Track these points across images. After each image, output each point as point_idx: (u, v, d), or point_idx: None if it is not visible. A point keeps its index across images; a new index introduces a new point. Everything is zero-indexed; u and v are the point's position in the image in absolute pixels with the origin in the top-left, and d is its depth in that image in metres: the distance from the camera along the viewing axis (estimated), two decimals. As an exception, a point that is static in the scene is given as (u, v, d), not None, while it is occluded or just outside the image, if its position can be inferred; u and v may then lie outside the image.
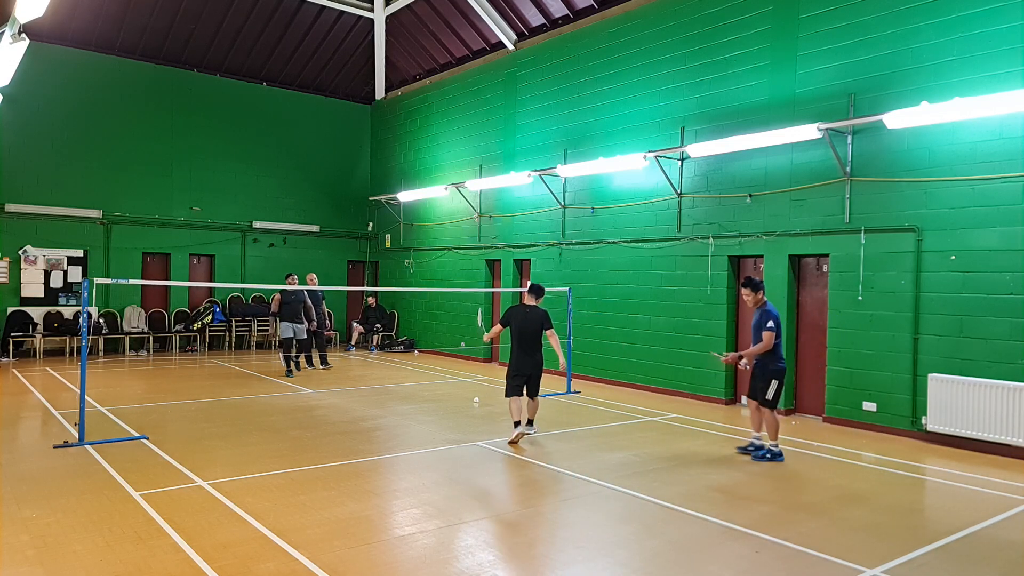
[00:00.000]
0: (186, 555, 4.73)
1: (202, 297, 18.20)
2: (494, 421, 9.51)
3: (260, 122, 18.92)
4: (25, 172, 15.61)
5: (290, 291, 13.16)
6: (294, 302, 13.20)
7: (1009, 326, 8.18)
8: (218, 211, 18.22)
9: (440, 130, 18.01)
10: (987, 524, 5.74)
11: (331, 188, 20.21)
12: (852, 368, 9.61)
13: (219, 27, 17.34)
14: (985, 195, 8.44)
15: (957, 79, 8.65)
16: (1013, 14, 8.25)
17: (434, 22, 17.49)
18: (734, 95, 11.13)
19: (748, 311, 11.22)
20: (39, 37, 15.28)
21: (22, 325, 15.39)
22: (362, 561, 4.74)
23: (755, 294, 7.98)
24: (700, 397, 11.45)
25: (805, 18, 10.23)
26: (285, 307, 13.28)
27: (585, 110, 13.68)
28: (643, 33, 12.61)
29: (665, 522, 5.65)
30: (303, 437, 8.36)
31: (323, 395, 11.38)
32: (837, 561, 4.87)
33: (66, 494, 6.01)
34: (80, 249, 16.28)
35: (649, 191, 12.39)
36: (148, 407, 10.01)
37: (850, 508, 6.08)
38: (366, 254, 20.81)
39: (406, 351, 18.25)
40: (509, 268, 15.70)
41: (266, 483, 6.45)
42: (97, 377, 12.68)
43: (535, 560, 4.89)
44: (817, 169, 10.05)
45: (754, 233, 10.85)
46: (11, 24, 7.93)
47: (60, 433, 8.22)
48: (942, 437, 8.60)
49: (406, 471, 7.16)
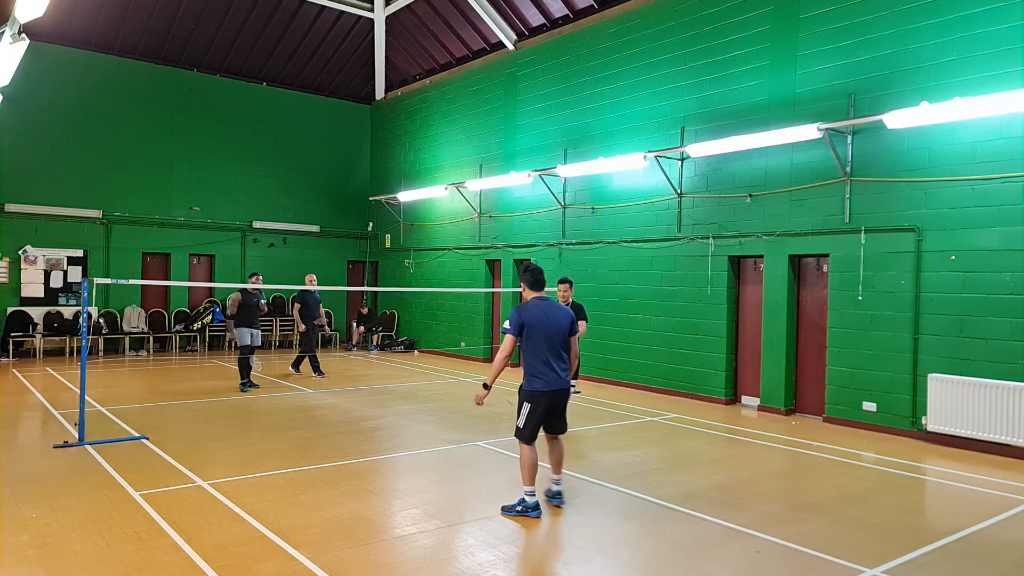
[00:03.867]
0: (186, 555, 4.73)
1: (202, 297, 18.20)
2: (494, 421, 9.51)
3: (260, 122, 18.92)
4: (25, 172, 15.61)
5: (252, 293, 11.61)
6: (254, 305, 11.60)
7: (1009, 326, 8.18)
8: (218, 211, 18.22)
9: (440, 130, 18.01)
10: (987, 524, 5.74)
11: (331, 188, 20.22)
12: (852, 368, 9.61)
13: (219, 27, 17.35)
14: (985, 195, 8.44)
15: (957, 79, 8.65)
16: (1013, 14, 8.25)
17: (434, 22, 17.49)
18: (734, 95, 11.13)
19: (749, 311, 11.25)
20: (39, 37, 15.28)
21: (22, 325, 15.39)
22: (362, 561, 4.73)
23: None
24: (700, 397, 11.45)
25: (805, 18, 10.23)
26: (244, 310, 11.51)
27: (585, 110, 13.68)
28: (643, 33, 12.60)
29: (665, 522, 5.65)
30: (303, 437, 8.35)
31: (323, 395, 11.38)
32: (837, 561, 4.87)
33: (66, 494, 6.01)
34: (80, 249, 16.27)
35: (649, 191, 12.39)
36: (148, 407, 10.01)
37: (850, 508, 6.07)
38: (366, 254, 20.80)
39: (406, 351, 18.25)
40: (509, 268, 15.70)
41: (266, 483, 6.45)
42: (97, 377, 12.67)
43: (535, 560, 4.89)
44: (817, 169, 10.05)
45: (754, 233, 10.85)
46: (11, 24, 7.92)
47: (60, 433, 8.22)
48: (942, 437, 8.60)
49: (406, 471, 7.15)
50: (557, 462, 6.03)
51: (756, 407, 10.86)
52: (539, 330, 5.71)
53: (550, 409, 5.76)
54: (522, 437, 5.78)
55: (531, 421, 5.72)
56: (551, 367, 5.72)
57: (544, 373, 5.71)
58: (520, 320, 5.74)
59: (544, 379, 5.70)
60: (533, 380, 5.74)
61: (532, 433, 5.75)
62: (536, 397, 5.71)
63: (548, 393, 5.70)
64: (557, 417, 5.88)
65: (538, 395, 5.70)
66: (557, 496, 5.99)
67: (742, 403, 11.24)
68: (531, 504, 5.68)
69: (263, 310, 11.83)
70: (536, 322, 5.72)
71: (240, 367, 11.61)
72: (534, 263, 5.71)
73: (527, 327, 5.72)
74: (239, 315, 11.53)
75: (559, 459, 6.04)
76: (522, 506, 5.69)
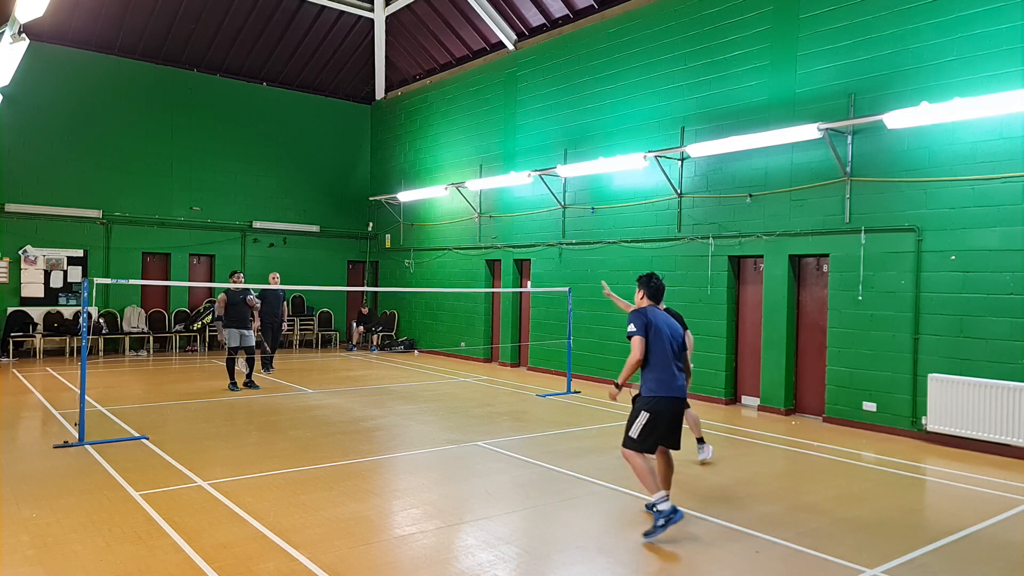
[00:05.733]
0: (186, 555, 4.73)
1: (202, 297, 18.21)
2: (494, 421, 9.51)
3: (260, 122, 18.92)
4: (25, 172, 15.61)
5: (236, 291, 11.59)
6: (240, 304, 11.59)
7: (1009, 326, 8.18)
8: (218, 211, 18.23)
9: (440, 130, 18.01)
10: (987, 524, 5.74)
11: (331, 188, 20.22)
12: (852, 368, 9.61)
13: (219, 27, 17.35)
14: (985, 195, 8.44)
15: (957, 79, 8.65)
16: (1013, 14, 8.25)
17: (434, 22, 17.49)
18: (734, 95, 11.13)
19: (749, 311, 11.26)
20: (39, 37, 15.29)
21: (22, 325, 15.39)
22: (362, 561, 4.73)
23: None
24: (700, 397, 11.44)
25: (805, 18, 10.23)
26: (231, 309, 11.51)
27: (585, 110, 13.68)
28: (643, 33, 12.61)
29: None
30: (303, 437, 8.35)
31: (323, 395, 11.38)
32: (837, 561, 4.87)
33: (66, 494, 6.01)
34: (80, 249, 16.28)
35: (649, 191, 12.39)
36: (148, 407, 10.01)
37: (850, 508, 6.07)
38: (366, 254, 20.81)
39: (406, 351, 18.25)
40: (509, 268, 15.70)
41: (266, 483, 6.45)
42: (97, 377, 12.67)
43: (535, 560, 4.88)
44: (817, 169, 10.05)
45: (754, 233, 10.85)
46: (11, 24, 7.93)
47: (60, 433, 8.22)
48: (942, 437, 8.60)
49: (406, 471, 7.15)
50: (669, 476, 5.68)
51: (756, 407, 10.86)
52: (664, 333, 5.43)
53: (673, 417, 5.40)
54: (631, 446, 5.37)
55: (649, 430, 5.32)
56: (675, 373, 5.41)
57: (672, 379, 5.37)
58: (645, 320, 5.42)
59: (670, 385, 5.37)
60: (661, 385, 5.35)
61: (646, 446, 5.36)
62: (660, 405, 5.32)
63: (673, 401, 5.36)
64: (678, 428, 5.48)
65: (664, 402, 5.32)
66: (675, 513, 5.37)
67: (742, 403, 11.25)
68: (667, 511, 5.16)
69: (252, 305, 11.78)
70: (661, 325, 5.46)
71: (228, 367, 11.67)
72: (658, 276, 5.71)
73: (653, 329, 5.41)
74: (227, 316, 11.54)
75: (671, 473, 5.70)
76: (663, 519, 5.15)
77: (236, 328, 11.53)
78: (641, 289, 5.78)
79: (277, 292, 13.34)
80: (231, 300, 11.56)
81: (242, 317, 11.58)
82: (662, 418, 5.34)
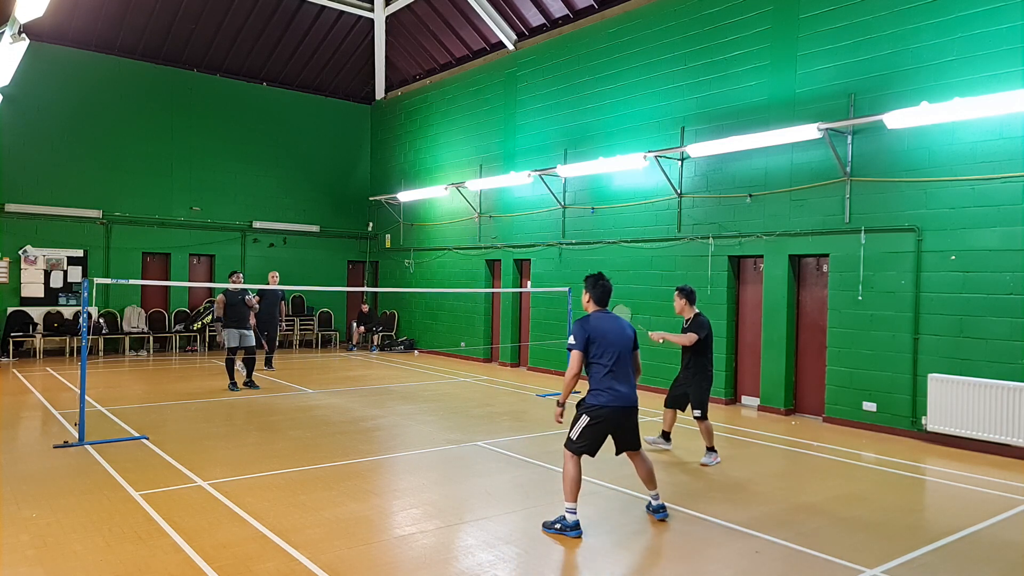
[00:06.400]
0: (186, 555, 4.73)
1: (202, 297, 18.20)
2: (494, 421, 9.51)
3: (260, 122, 18.92)
4: (25, 172, 15.61)
5: (235, 292, 11.55)
6: (239, 304, 11.54)
7: (1009, 326, 8.18)
8: (218, 211, 18.23)
9: (440, 130, 18.01)
10: (987, 524, 5.74)
11: (331, 188, 20.22)
12: (852, 368, 9.61)
13: (219, 27, 17.35)
14: (985, 195, 8.44)
15: (957, 79, 8.65)
16: (1013, 14, 8.25)
17: (434, 22, 17.49)
18: (734, 95, 11.13)
19: (749, 311, 11.26)
20: (39, 37, 15.28)
21: (22, 325, 15.39)
22: (362, 561, 4.73)
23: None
24: (700, 397, 11.44)
25: (805, 18, 10.23)
26: (230, 309, 11.47)
27: (585, 110, 13.68)
28: (643, 33, 12.61)
29: (665, 522, 5.64)
30: (303, 437, 8.35)
31: (323, 395, 11.38)
32: (837, 561, 4.87)
33: (66, 494, 6.01)
34: (80, 249, 16.27)
35: (649, 191, 12.39)
36: (148, 407, 10.01)
37: (850, 508, 6.07)
38: (366, 254, 20.81)
39: (406, 351, 18.25)
40: (509, 268, 15.70)
41: (266, 483, 6.45)
42: (97, 377, 12.67)
43: (535, 560, 4.88)
44: (817, 169, 10.05)
45: (754, 233, 10.85)
46: (11, 24, 7.93)
47: (60, 433, 8.22)
48: (942, 437, 8.60)
49: (406, 471, 7.15)
50: (649, 477, 5.63)
51: (756, 407, 10.86)
52: (610, 340, 5.33)
53: (617, 428, 5.36)
54: (571, 448, 5.36)
55: (586, 435, 5.30)
56: (620, 382, 5.33)
57: (617, 388, 5.29)
58: (586, 333, 5.31)
59: (614, 394, 5.29)
60: (603, 395, 5.30)
61: (584, 449, 5.33)
62: (603, 413, 5.27)
63: (617, 411, 5.30)
64: (630, 434, 5.47)
65: (606, 411, 5.27)
66: (660, 510, 5.62)
67: (742, 403, 11.25)
68: (571, 523, 5.22)
69: (251, 306, 11.72)
70: (607, 332, 5.35)
71: (227, 367, 11.68)
72: (606, 277, 5.53)
73: (596, 339, 5.31)
74: (226, 316, 11.53)
75: (650, 473, 5.64)
76: (560, 524, 5.25)
77: (235, 328, 11.51)
78: (587, 292, 5.57)
79: (275, 291, 13.42)
80: (230, 300, 11.54)
81: (241, 317, 11.55)
82: (604, 424, 5.30)
